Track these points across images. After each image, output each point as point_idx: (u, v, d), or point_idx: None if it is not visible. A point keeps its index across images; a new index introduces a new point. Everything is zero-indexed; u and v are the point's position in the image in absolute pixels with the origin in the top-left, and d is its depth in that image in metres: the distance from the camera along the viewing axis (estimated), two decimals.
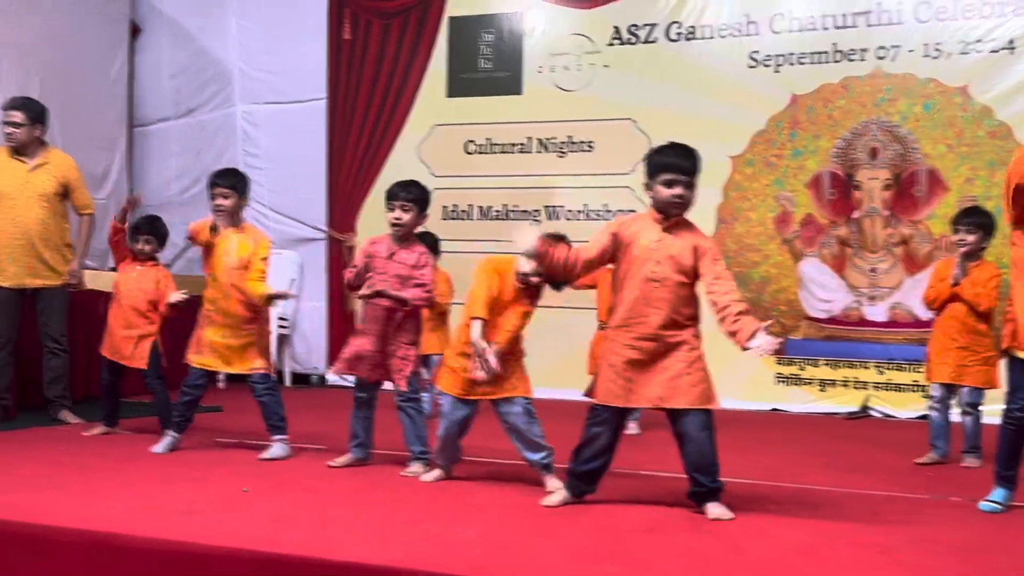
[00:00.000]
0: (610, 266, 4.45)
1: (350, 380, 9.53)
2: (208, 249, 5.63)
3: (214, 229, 5.51)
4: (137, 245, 6.31)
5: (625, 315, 4.23)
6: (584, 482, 4.36)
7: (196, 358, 5.61)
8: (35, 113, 6.84)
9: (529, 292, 4.70)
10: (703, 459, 4.16)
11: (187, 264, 9.84)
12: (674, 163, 4.25)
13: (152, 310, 6.20)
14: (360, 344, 5.23)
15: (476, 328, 4.55)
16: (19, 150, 6.80)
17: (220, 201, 5.59)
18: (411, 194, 5.19)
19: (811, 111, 8.54)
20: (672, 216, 4.27)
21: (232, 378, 6.50)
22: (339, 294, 9.91)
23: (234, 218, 5.65)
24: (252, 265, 5.58)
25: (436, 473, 4.89)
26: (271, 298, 5.57)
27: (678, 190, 4.22)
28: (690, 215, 4.39)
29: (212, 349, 5.57)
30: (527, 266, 4.53)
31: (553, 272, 4.40)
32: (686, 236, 4.27)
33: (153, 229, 6.37)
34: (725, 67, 8.77)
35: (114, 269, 9.13)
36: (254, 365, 5.56)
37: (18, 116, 6.77)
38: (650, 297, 4.18)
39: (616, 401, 4.23)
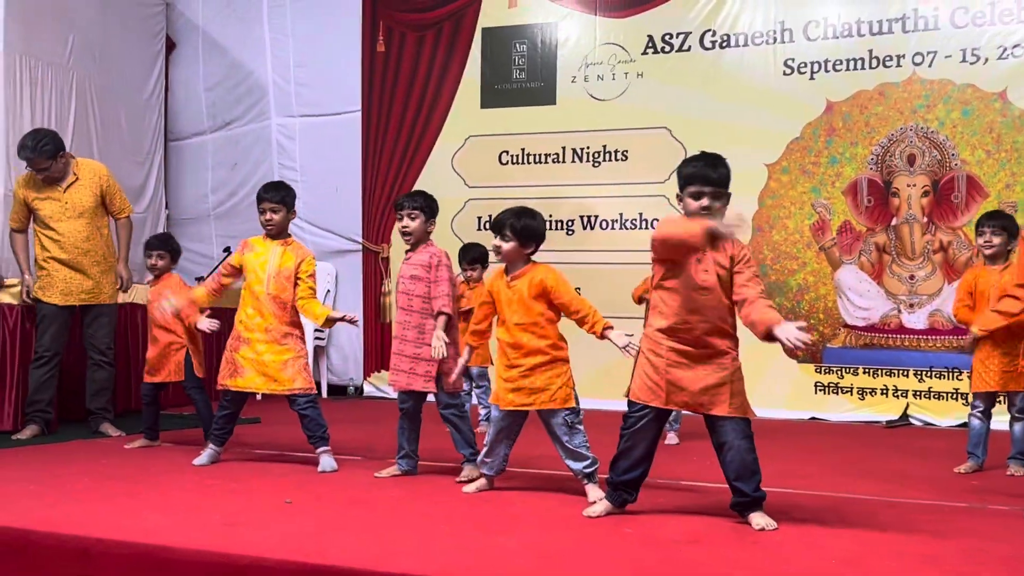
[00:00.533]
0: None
1: (387, 390, 9.67)
2: (240, 269, 5.66)
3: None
4: (150, 261, 6.39)
5: (671, 320, 4.23)
6: (625, 491, 4.35)
7: (234, 382, 5.56)
8: (51, 150, 6.79)
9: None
10: (744, 468, 4.15)
11: None
12: (700, 174, 4.23)
13: (175, 321, 6.22)
14: (397, 354, 5.31)
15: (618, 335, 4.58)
16: (47, 179, 6.85)
17: (270, 216, 5.62)
18: (416, 202, 5.33)
19: (847, 118, 8.51)
20: None
21: None
22: (375, 305, 9.95)
23: (282, 232, 5.69)
24: (300, 283, 5.59)
25: (480, 483, 4.90)
26: (333, 321, 5.54)
27: (704, 202, 4.21)
28: None
29: (252, 367, 5.52)
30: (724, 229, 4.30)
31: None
32: (725, 245, 4.26)
33: (165, 245, 6.47)
34: (760, 75, 8.76)
35: (152, 283, 9.28)
36: (295, 386, 5.52)
37: (42, 163, 6.76)
38: (697, 305, 4.18)
39: (654, 400, 4.23)
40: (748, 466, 4.15)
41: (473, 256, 7.17)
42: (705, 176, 4.21)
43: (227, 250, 9.31)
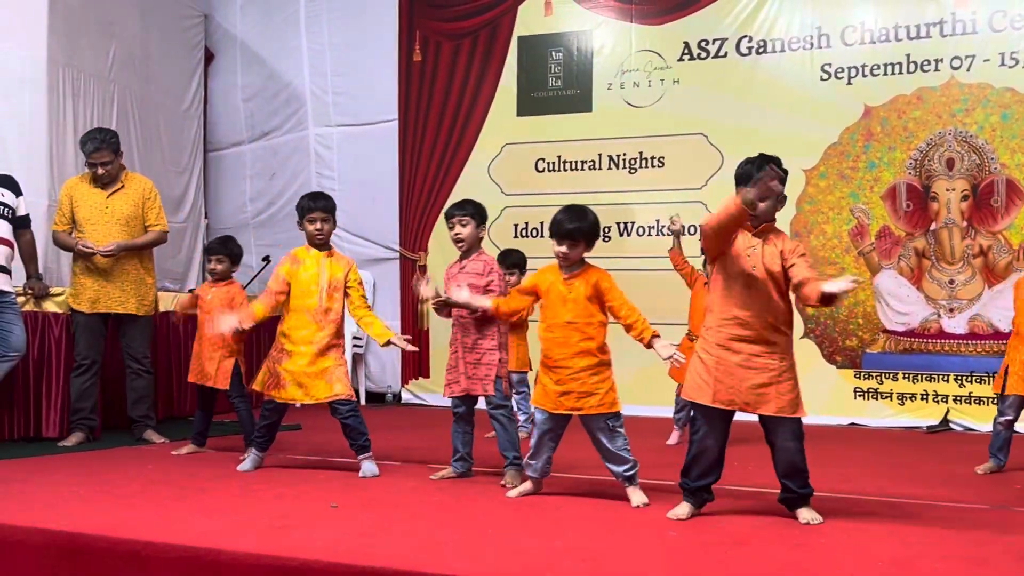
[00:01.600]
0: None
1: (425, 397, 9.73)
2: (292, 277, 5.69)
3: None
4: (210, 265, 6.45)
5: (722, 316, 4.28)
6: (705, 492, 4.40)
7: (277, 394, 5.61)
8: (116, 144, 6.96)
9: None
10: (793, 466, 4.23)
11: (261, 286, 10.00)
12: (746, 175, 4.33)
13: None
14: (449, 361, 5.44)
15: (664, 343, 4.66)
16: (101, 178, 6.93)
17: (321, 226, 5.65)
18: (466, 210, 5.46)
19: (885, 123, 8.50)
20: (757, 225, 4.32)
21: None
22: (412, 313, 10.01)
23: (327, 243, 5.75)
24: (351, 292, 5.65)
25: (525, 487, 4.94)
26: (390, 343, 5.58)
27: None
28: None
29: (293, 381, 5.56)
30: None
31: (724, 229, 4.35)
32: (775, 241, 4.31)
33: (226, 249, 6.51)
34: (797, 80, 8.77)
35: (192, 291, 9.37)
36: (335, 391, 5.54)
37: (105, 155, 6.86)
38: (746, 301, 4.23)
39: (701, 397, 4.28)
40: (796, 465, 4.22)
41: (512, 261, 7.22)
42: (750, 176, 4.27)
43: (266, 259, 9.40)
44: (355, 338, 9.70)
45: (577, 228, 4.75)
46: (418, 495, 4.95)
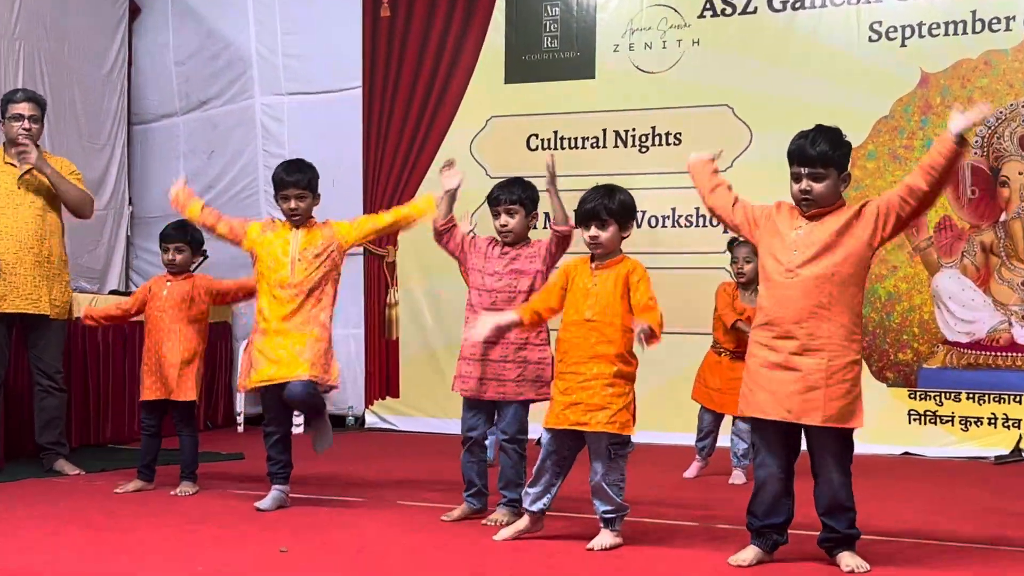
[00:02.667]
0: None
1: (394, 421, 9.72)
2: (253, 252, 5.80)
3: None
4: (167, 256, 6.44)
5: (766, 314, 4.34)
6: (775, 533, 4.40)
7: (249, 378, 5.70)
8: (43, 106, 6.99)
9: None
10: (836, 502, 4.24)
11: None
12: (795, 151, 4.37)
13: (194, 323, 6.32)
14: (466, 351, 5.40)
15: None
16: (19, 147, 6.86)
17: (296, 205, 5.75)
18: (514, 194, 5.47)
19: (946, 92, 8.52)
20: (808, 210, 4.37)
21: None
22: (378, 319, 10.01)
23: (306, 221, 5.81)
24: (352, 232, 5.83)
25: (519, 525, 4.92)
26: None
27: (804, 184, 4.32)
28: None
29: (265, 357, 5.63)
30: None
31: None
32: (833, 220, 4.34)
33: (185, 235, 6.49)
34: (841, 41, 8.78)
35: (116, 292, 9.36)
36: (311, 372, 5.57)
37: (27, 108, 6.88)
38: (790, 292, 4.27)
39: (746, 408, 4.33)
40: (841, 502, 4.23)
41: None
42: (802, 153, 4.32)
43: (203, 254, 9.37)
44: None
45: (601, 206, 4.78)
46: (385, 539, 4.95)
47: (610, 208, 4.79)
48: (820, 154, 4.32)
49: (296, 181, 5.74)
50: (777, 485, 4.34)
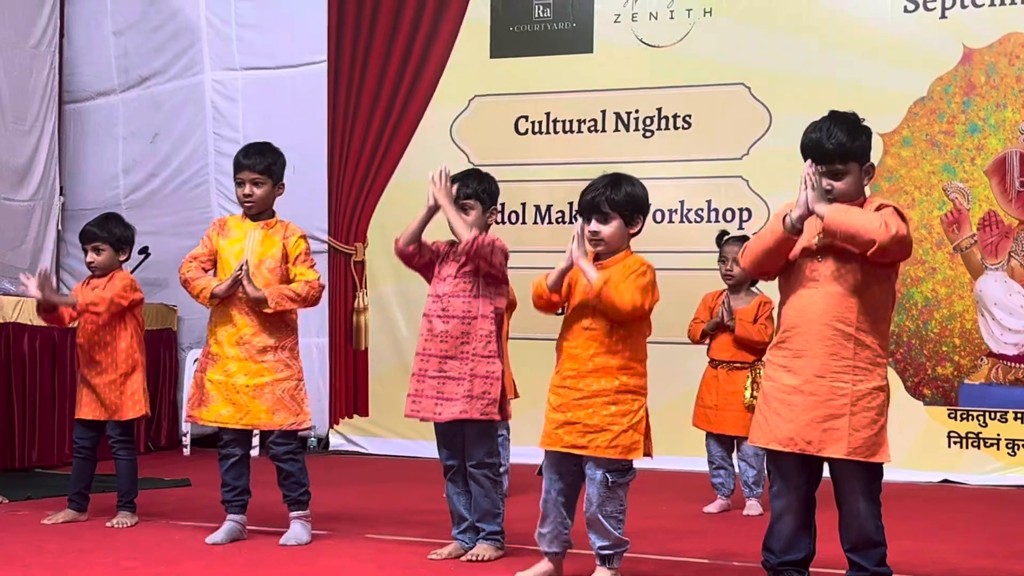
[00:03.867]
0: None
1: (361, 443, 9.71)
2: (213, 262, 5.78)
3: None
4: (86, 257, 6.40)
5: (782, 331, 4.35)
6: (793, 571, 4.39)
7: (199, 413, 5.67)
8: None
9: None
10: (864, 537, 4.23)
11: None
12: (810, 146, 4.35)
13: (124, 329, 6.27)
14: (418, 367, 5.38)
15: None
16: None
17: (250, 190, 5.72)
18: (468, 188, 5.44)
19: (992, 71, 8.55)
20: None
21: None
22: (345, 325, 10.00)
23: (264, 212, 5.80)
24: (293, 271, 5.72)
25: (538, 570, 4.86)
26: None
27: (824, 183, 4.30)
28: None
29: (221, 395, 5.61)
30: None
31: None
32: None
33: (105, 231, 6.40)
34: (872, 12, 8.81)
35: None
36: (275, 420, 5.59)
37: None
38: (809, 304, 4.27)
39: (759, 439, 4.33)
40: (868, 536, 4.22)
41: None
42: (817, 148, 4.31)
43: (145, 251, 9.38)
44: None
45: (604, 198, 4.76)
46: None
47: (614, 200, 4.75)
48: (838, 147, 4.29)
49: (252, 164, 5.71)
50: (795, 518, 4.34)
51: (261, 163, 5.74)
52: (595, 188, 4.80)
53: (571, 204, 9.34)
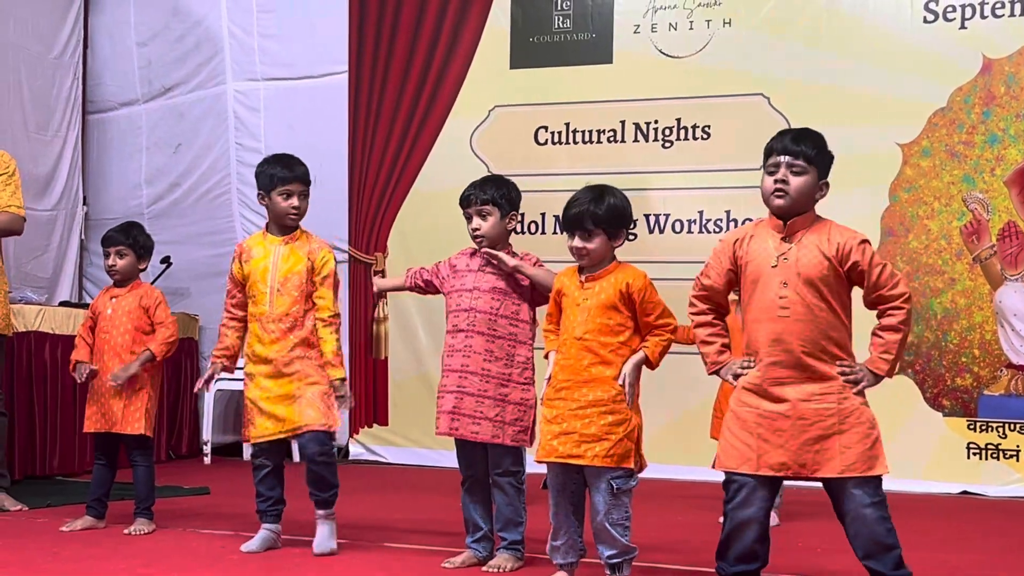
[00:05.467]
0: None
1: (382, 452, 9.71)
2: (243, 277, 5.76)
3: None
4: (107, 262, 6.39)
5: (758, 357, 4.28)
6: None
7: (249, 432, 5.68)
8: None
9: None
10: (875, 541, 4.17)
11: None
12: (777, 145, 4.33)
13: (142, 345, 6.25)
14: (466, 395, 5.31)
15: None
16: None
17: (300, 203, 5.73)
18: (486, 193, 5.36)
19: (1011, 81, 8.50)
20: (777, 213, 4.32)
21: None
22: (365, 336, 9.99)
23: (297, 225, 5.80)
24: (316, 292, 5.70)
25: None
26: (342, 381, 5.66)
27: (781, 174, 4.27)
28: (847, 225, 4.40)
29: (259, 411, 5.62)
30: None
31: None
32: (818, 236, 4.29)
33: (128, 238, 6.40)
34: (891, 22, 8.77)
35: (67, 303, 9.35)
36: (304, 420, 5.57)
37: None
38: (781, 330, 4.22)
39: (743, 466, 4.25)
40: (880, 540, 4.17)
41: None
42: (783, 146, 4.29)
43: (166, 261, 9.40)
44: None
45: (587, 213, 4.74)
46: None
47: (597, 215, 4.73)
48: (804, 150, 4.29)
49: (302, 176, 5.74)
50: (756, 531, 4.30)
51: (306, 173, 5.78)
52: (579, 203, 4.78)
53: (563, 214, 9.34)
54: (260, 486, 5.74)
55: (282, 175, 5.70)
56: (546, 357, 4.93)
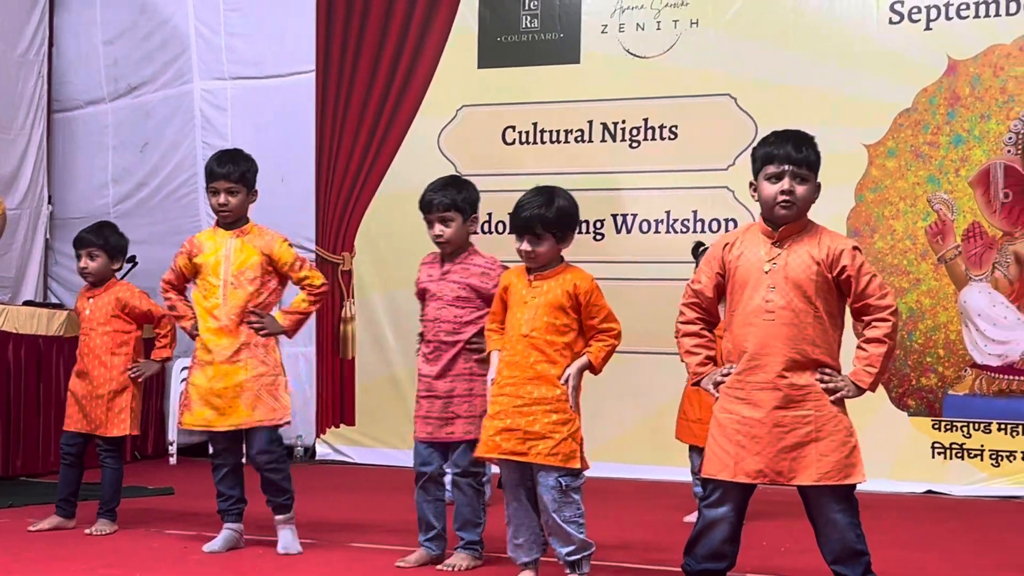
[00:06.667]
0: None
1: (348, 452, 9.68)
2: (193, 271, 5.73)
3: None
4: (79, 264, 6.35)
5: (736, 360, 4.26)
6: None
7: (185, 417, 5.65)
8: None
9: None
10: (846, 547, 4.18)
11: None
12: (779, 153, 4.29)
13: (123, 345, 6.24)
14: (422, 387, 5.35)
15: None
16: None
17: (226, 199, 5.67)
18: (447, 197, 5.34)
19: (976, 82, 8.52)
20: (781, 222, 4.30)
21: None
22: (331, 335, 9.95)
23: (239, 220, 5.74)
24: (297, 277, 5.72)
25: None
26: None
27: (786, 184, 4.25)
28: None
29: (201, 399, 5.58)
30: None
31: None
32: (810, 242, 4.28)
33: (100, 238, 6.37)
34: (857, 23, 8.77)
35: (31, 302, 9.29)
36: (255, 417, 5.53)
37: None
38: (765, 335, 4.20)
39: (721, 472, 4.24)
40: (850, 545, 4.18)
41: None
42: (788, 155, 4.25)
43: (132, 261, 9.33)
44: None
45: (537, 217, 4.73)
46: None
47: (546, 219, 4.74)
48: (807, 156, 4.28)
49: (227, 173, 5.66)
50: (726, 532, 4.29)
51: (236, 171, 5.68)
52: (528, 207, 4.77)
53: (510, 216, 9.31)
54: (220, 485, 5.71)
55: (209, 171, 5.72)
56: (487, 358, 4.93)
